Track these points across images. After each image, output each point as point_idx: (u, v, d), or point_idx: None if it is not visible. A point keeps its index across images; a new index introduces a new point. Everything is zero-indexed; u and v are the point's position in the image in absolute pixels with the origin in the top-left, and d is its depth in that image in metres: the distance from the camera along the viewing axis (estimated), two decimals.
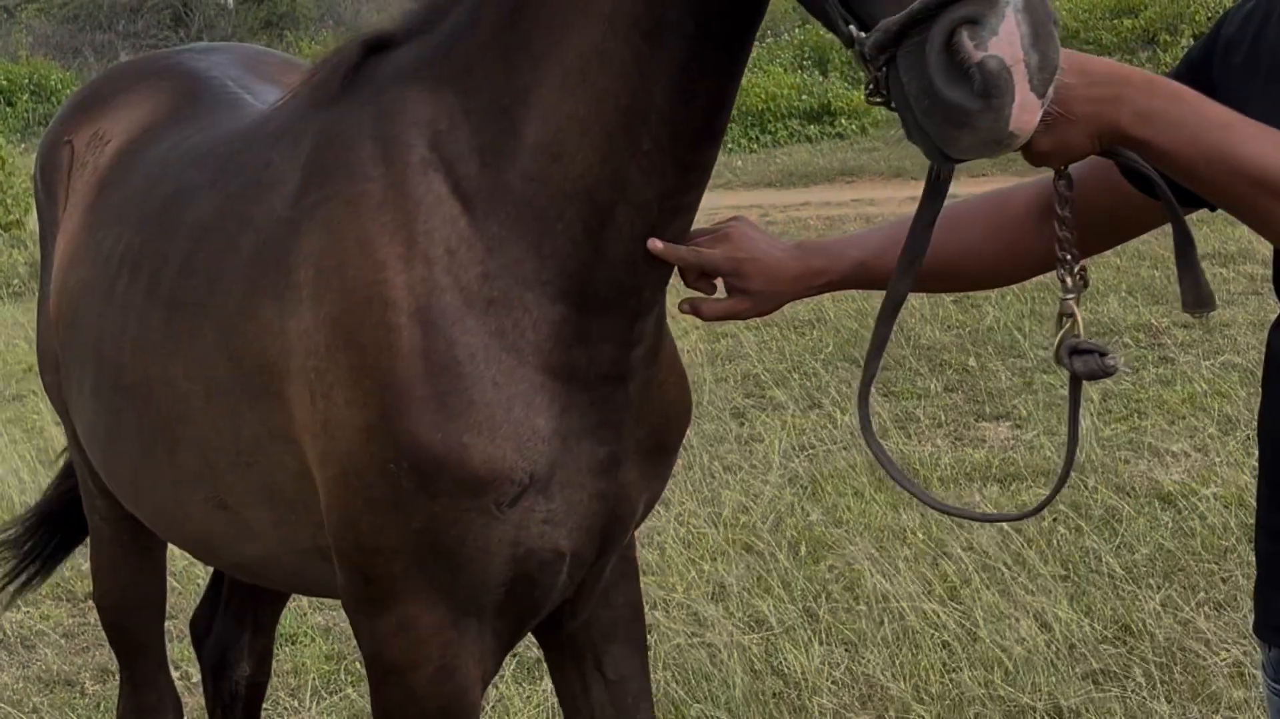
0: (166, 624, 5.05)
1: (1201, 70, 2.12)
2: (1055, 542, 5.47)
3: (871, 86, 1.83)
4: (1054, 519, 5.72)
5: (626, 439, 2.45)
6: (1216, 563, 5.19)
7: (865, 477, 6.37)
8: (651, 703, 2.83)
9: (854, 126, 20.88)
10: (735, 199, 15.88)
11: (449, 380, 2.29)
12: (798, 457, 6.72)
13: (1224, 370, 7.48)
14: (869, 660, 4.63)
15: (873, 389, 6.41)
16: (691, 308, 2.43)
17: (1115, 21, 21.92)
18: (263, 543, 2.73)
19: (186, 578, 5.80)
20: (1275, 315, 2.14)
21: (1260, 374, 2.12)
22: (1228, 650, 4.50)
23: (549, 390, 2.33)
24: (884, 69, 1.78)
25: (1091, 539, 5.46)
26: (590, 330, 2.33)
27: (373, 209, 2.36)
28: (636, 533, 2.78)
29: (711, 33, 2.14)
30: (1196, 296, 1.95)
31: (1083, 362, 1.94)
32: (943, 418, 7.24)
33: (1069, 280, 1.95)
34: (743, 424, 7.38)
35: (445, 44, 2.39)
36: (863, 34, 1.79)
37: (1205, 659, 4.47)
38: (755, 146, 20.32)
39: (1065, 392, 7.36)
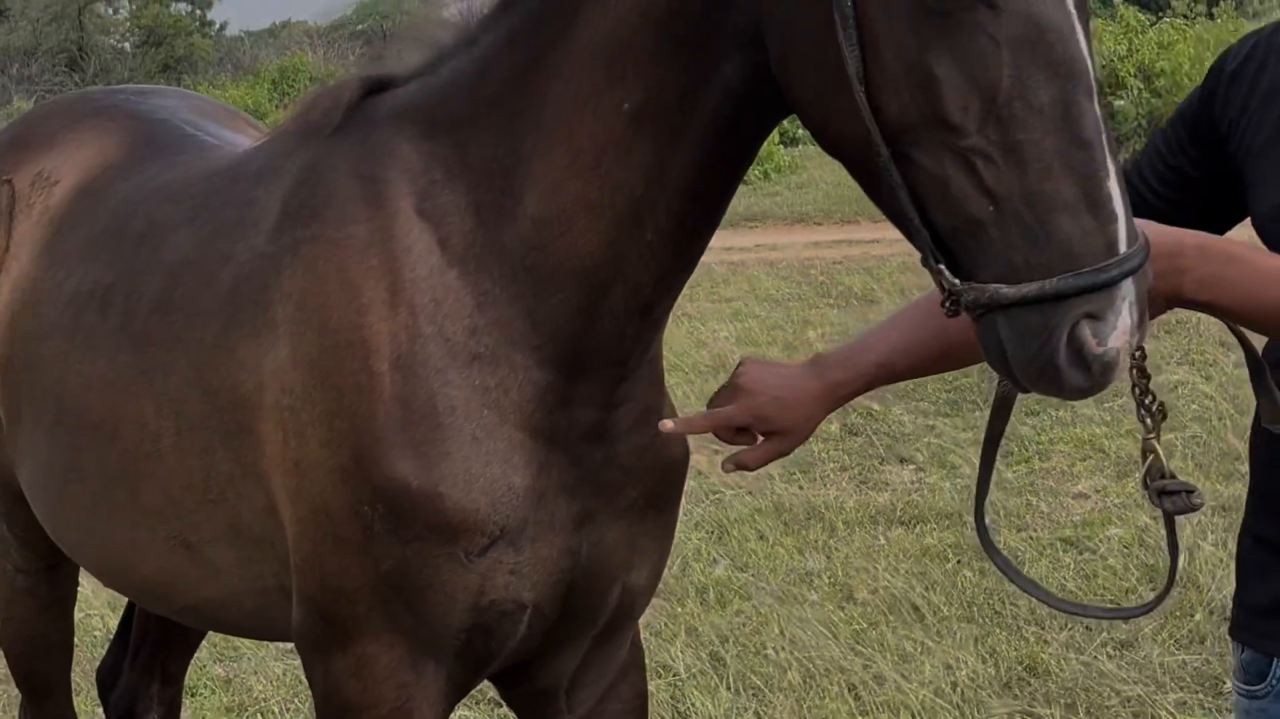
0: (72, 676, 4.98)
1: (1201, 115, 2.26)
2: (960, 583, 5.52)
3: (949, 309, 1.85)
4: (958, 561, 5.78)
5: (607, 497, 2.44)
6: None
7: (770, 521, 6.40)
8: None
9: (757, 172, 21.05)
10: None
11: (427, 430, 2.29)
12: (704, 502, 6.74)
13: (1122, 412, 7.59)
14: (776, 705, 4.64)
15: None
16: (736, 464, 2.41)
17: None
18: (224, 582, 2.70)
19: (84, 629, 5.69)
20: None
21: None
22: (1130, 689, 4.55)
23: (527, 449, 2.32)
24: (978, 317, 1.82)
25: (994, 581, 5.51)
26: (574, 395, 2.33)
27: (358, 252, 2.34)
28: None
29: (735, 138, 2.14)
30: (1274, 413, 2.06)
31: (1171, 502, 2.01)
32: (847, 461, 7.29)
33: (1149, 421, 2.03)
34: None
35: (445, 91, 2.36)
36: (956, 281, 1.81)
37: (1109, 699, 4.52)
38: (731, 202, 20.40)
39: (965, 435, 7.38)
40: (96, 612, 5.66)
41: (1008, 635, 5.02)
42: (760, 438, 2.37)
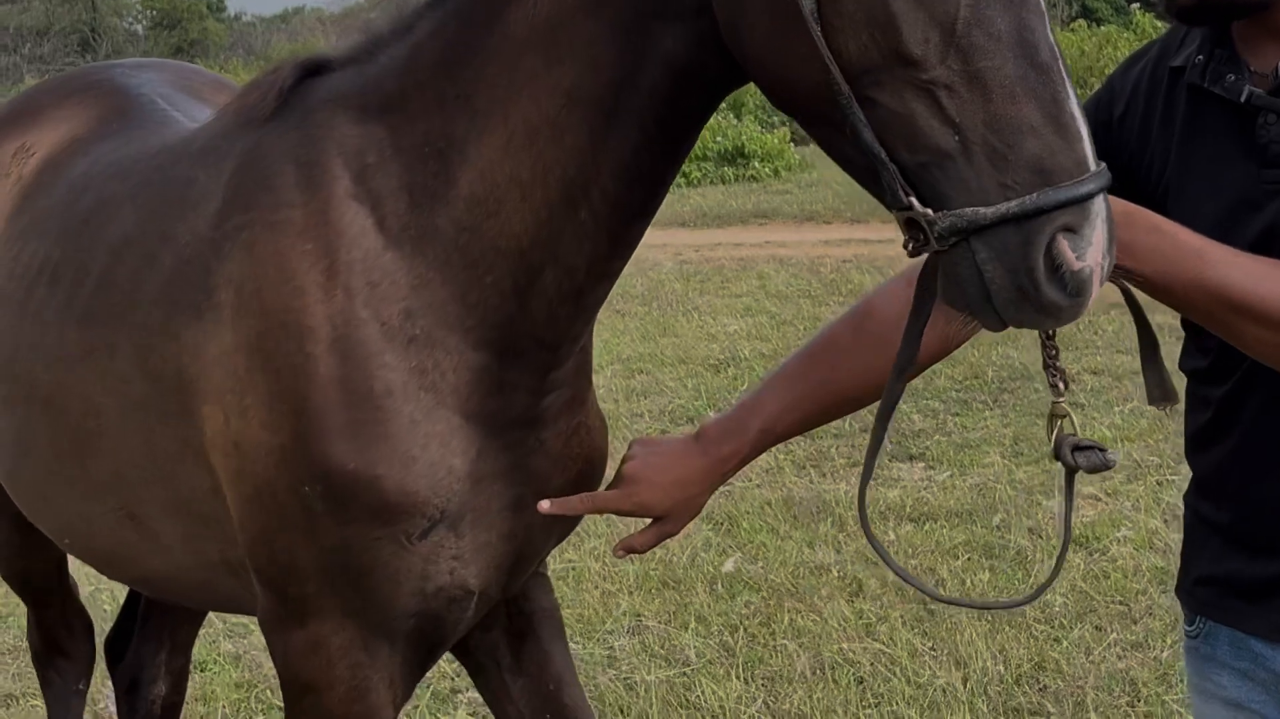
0: None
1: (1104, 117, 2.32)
2: (969, 581, 5.52)
3: (915, 248, 1.84)
4: (968, 559, 5.78)
5: (537, 483, 2.46)
6: (1127, 604, 5.26)
7: (780, 513, 6.40)
8: (580, 690, 2.82)
9: (767, 170, 21.07)
10: (649, 238, 15.67)
11: (366, 412, 2.30)
12: (714, 494, 6.72)
13: (1132, 416, 7.60)
14: (785, 695, 4.64)
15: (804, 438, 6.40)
16: (625, 549, 2.46)
17: None
18: (171, 556, 2.72)
19: (92, 604, 5.69)
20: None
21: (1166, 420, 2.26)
22: (1140, 690, 4.55)
23: (464, 433, 2.34)
24: (951, 246, 1.81)
25: (1004, 580, 5.52)
26: (506, 379, 2.35)
27: (294, 235, 2.35)
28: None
29: (672, 121, 2.14)
30: (1162, 392, 2.09)
31: (1085, 457, 2.03)
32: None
33: (1060, 385, 2.05)
34: None
35: (380, 76, 2.38)
36: (928, 211, 1.80)
37: (1119, 698, 4.52)
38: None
39: (976, 434, 7.40)
40: (106, 586, 5.67)
41: (1017, 633, 5.02)
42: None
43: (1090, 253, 1.75)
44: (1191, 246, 1.98)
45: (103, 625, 4.23)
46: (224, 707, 4.83)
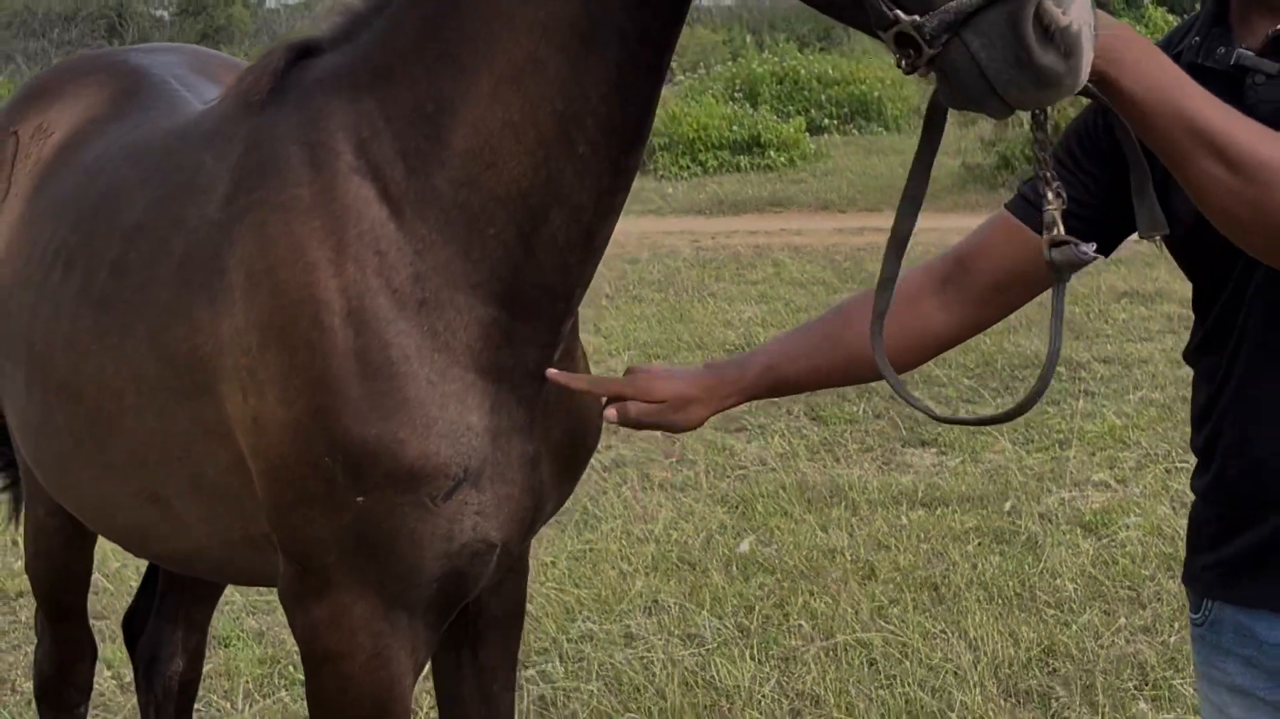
0: (100, 624, 5.03)
1: (1100, 128, 2.32)
2: (980, 566, 5.53)
3: (909, 64, 1.86)
4: (978, 544, 5.78)
5: (545, 436, 2.51)
6: (1135, 589, 5.26)
7: (794, 497, 6.41)
8: (514, 695, 2.90)
9: (782, 159, 21.00)
10: (667, 225, 15.94)
11: (384, 380, 2.33)
12: (728, 477, 6.75)
13: (1143, 405, 7.59)
14: (798, 675, 4.66)
15: (803, 413, 6.43)
16: (617, 410, 2.48)
17: None
18: (193, 534, 2.75)
19: (118, 579, 5.73)
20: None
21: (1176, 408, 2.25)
22: (1148, 673, 4.56)
23: (480, 389, 2.37)
24: (943, 46, 1.82)
25: (1014, 564, 5.52)
26: (517, 332, 2.38)
27: (302, 214, 2.38)
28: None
29: (647, 31, 2.18)
30: (1151, 221, 2.11)
31: (1060, 252, 2.02)
32: (871, 443, 7.30)
33: (1049, 194, 2.03)
34: (673, 443, 7.40)
35: (365, 52, 2.42)
36: (917, 17, 1.82)
37: (1125, 683, 4.53)
38: (686, 175, 20.38)
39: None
40: (131, 562, 5.69)
41: (1027, 617, 5.03)
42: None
43: (1075, 8, 1.76)
44: (1175, 71, 1.98)
45: (126, 603, 4.26)
46: (247, 681, 4.86)
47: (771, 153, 21.11)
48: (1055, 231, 2.03)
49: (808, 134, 22.49)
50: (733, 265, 12.83)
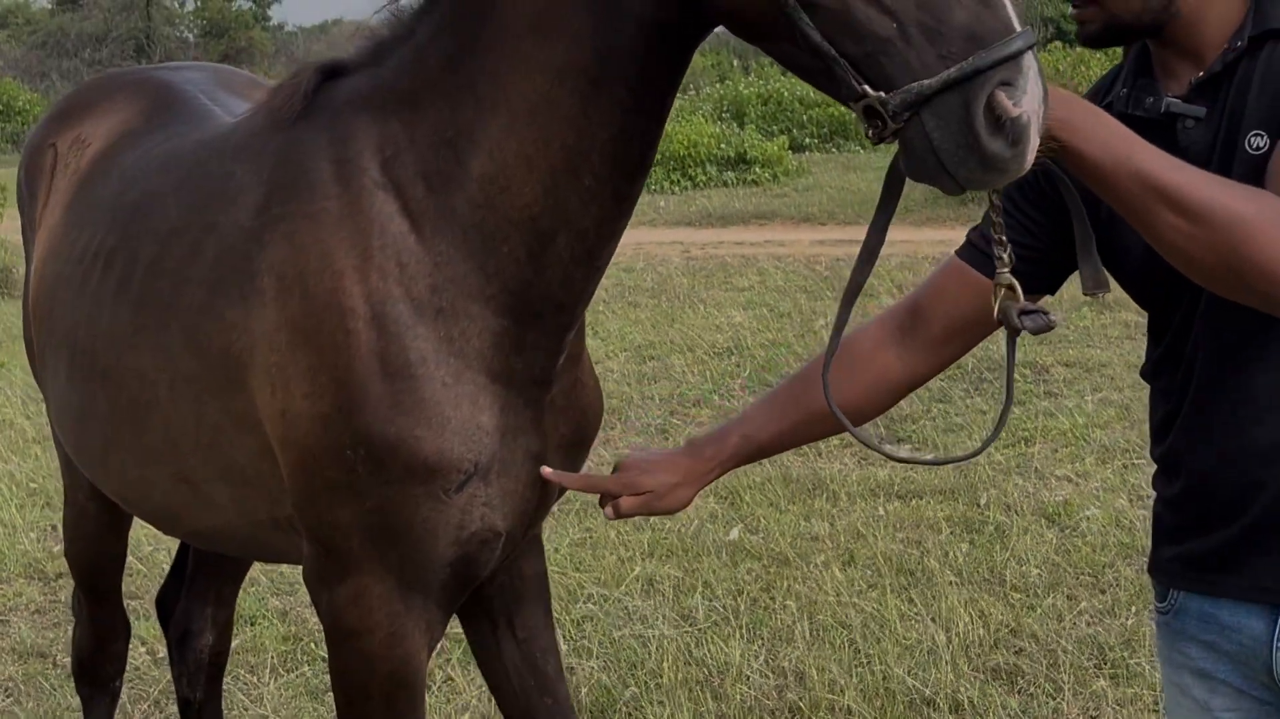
0: (134, 604, 5.05)
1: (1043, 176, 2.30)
2: (952, 553, 5.57)
3: (876, 134, 1.89)
4: (950, 533, 5.82)
5: (550, 435, 2.55)
6: (1095, 576, 5.30)
7: (779, 489, 6.45)
8: (559, 655, 2.91)
9: (767, 174, 21.03)
10: (659, 235, 15.97)
11: (403, 380, 2.36)
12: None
13: (1102, 406, 7.63)
14: (784, 654, 4.69)
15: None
16: (614, 509, 2.54)
17: None
18: (222, 515, 2.78)
19: (151, 562, 5.75)
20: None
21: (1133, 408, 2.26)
22: (1107, 653, 4.60)
23: (490, 392, 2.41)
24: (905, 122, 1.86)
25: (983, 552, 5.56)
26: (526, 340, 2.41)
27: (331, 225, 2.42)
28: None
29: (651, 78, 2.22)
30: (1095, 280, 2.12)
31: (1031, 319, 2.05)
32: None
33: (1005, 256, 2.06)
34: (667, 438, 7.43)
35: (392, 78, 2.45)
36: (881, 94, 1.85)
37: (1086, 662, 4.57)
38: (677, 189, 20.39)
39: (958, 419, 7.43)
40: (165, 544, 5.72)
41: (995, 600, 5.06)
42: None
43: (1026, 100, 1.80)
44: (1124, 131, 2.00)
45: (159, 582, 4.29)
46: (273, 657, 4.89)
47: (757, 169, 21.13)
48: (1018, 300, 2.05)
49: (790, 152, 22.51)
50: (721, 273, 12.86)
